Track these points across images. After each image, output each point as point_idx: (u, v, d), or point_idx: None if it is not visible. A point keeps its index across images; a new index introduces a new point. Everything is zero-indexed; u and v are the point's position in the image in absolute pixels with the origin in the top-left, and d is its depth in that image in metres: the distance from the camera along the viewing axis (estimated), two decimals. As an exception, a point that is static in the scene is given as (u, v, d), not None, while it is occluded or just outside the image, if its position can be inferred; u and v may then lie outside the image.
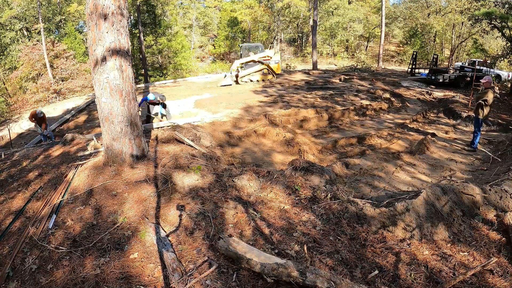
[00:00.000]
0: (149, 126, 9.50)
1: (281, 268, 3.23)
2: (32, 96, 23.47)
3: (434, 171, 7.75)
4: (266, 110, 11.96)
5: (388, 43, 43.44)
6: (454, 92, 16.59)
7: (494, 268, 3.57)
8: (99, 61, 5.44)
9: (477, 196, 4.74)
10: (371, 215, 4.42)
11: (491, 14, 16.68)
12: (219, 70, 32.93)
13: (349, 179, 7.09)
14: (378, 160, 8.31)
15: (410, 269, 3.59)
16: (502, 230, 4.20)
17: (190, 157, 6.30)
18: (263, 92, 15.28)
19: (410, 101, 15.34)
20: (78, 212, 4.68)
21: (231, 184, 5.37)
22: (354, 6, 38.17)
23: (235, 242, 3.73)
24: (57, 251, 3.88)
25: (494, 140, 10.01)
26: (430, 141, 9.84)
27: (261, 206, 4.82)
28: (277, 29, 37.73)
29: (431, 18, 33.60)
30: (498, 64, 21.93)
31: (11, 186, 5.96)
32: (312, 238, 4.05)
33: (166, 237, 4.07)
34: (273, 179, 5.50)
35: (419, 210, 4.43)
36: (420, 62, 28.27)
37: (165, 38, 31.89)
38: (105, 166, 5.82)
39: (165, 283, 3.38)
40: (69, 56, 25.48)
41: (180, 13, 38.66)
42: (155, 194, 5.00)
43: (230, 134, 9.87)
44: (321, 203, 4.82)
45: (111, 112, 5.64)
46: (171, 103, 13.67)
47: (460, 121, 12.69)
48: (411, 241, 4.10)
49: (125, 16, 5.56)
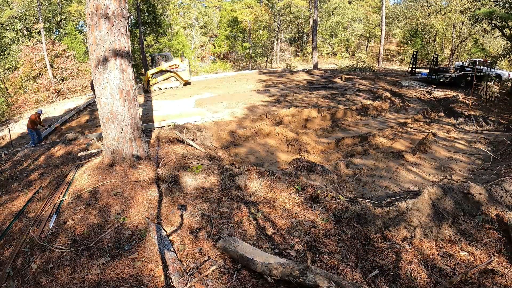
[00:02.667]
0: (149, 125, 9.51)
1: (281, 268, 3.23)
2: (32, 96, 23.46)
3: (435, 170, 7.75)
4: (269, 110, 11.95)
5: (389, 43, 43.39)
6: (454, 92, 16.57)
7: (495, 267, 3.56)
8: (99, 61, 5.44)
9: (477, 196, 4.73)
10: (372, 215, 4.42)
11: (492, 13, 16.65)
12: (220, 70, 32.93)
13: (350, 179, 7.09)
14: (380, 159, 8.32)
15: (411, 268, 3.58)
16: (503, 230, 4.19)
17: (191, 157, 6.30)
18: (266, 92, 15.26)
19: (410, 101, 15.33)
20: (79, 212, 4.68)
21: (232, 184, 5.37)
22: (355, 5, 38.12)
23: (236, 242, 3.74)
24: (57, 251, 3.88)
25: (494, 140, 10.00)
26: (431, 140, 9.84)
27: (262, 205, 4.81)
28: (278, 29, 37.71)
29: (432, 17, 33.56)
30: (499, 63, 21.89)
31: (12, 186, 5.96)
32: (313, 238, 4.05)
33: (167, 237, 4.07)
34: (274, 179, 5.50)
35: (420, 210, 4.42)
36: (420, 62, 28.20)
37: (165, 38, 31.87)
38: (105, 166, 5.82)
39: (165, 283, 3.37)
40: (69, 56, 25.48)
41: (180, 13, 38.64)
42: (155, 194, 5.00)
43: (233, 133, 9.87)
44: (322, 202, 4.82)
45: (112, 112, 5.64)
46: (171, 102, 13.67)
47: (461, 120, 12.68)
48: (412, 240, 4.09)
49: (125, 16, 5.56)
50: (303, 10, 34.85)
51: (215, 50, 39.78)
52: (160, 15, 32.51)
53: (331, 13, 37.09)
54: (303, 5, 33.39)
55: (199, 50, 39.61)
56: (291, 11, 35.46)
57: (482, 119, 12.36)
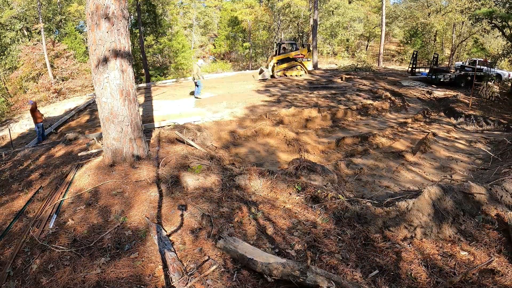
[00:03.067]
0: (150, 125, 9.51)
1: (281, 268, 3.23)
2: (32, 96, 23.44)
3: (435, 170, 7.75)
4: (269, 110, 11.94)
5: (389, 43, 43.37)
6: (454, 92, 16.56)
7: (495, 267, 3.56)
8: (99, 61, 5.44)
9: (478, 195, 4.73)
10: (372, 215, 4.42)
11: (492, 13, 16.64)
12: (219, 70, 32.92)
13: (350, 178, 7.09)
14: (380, 159, 8.31)
15: (411, 268, 3.58)
16: (503, 230, 4.19)
17: (191, 157, 6.30)
18: (266, 92, 15.25)
19: (411, 101, 15.32)
20: (79, 212, 4.68)
21: (232, 184, 5.37)
22: (355, 5, 38.11)
23: (236, 242, 3.74)
24: (57, 251, 3.88)
25: (494, 140, 10.00)
26: (432, 140, 9.84)
27: (262, 205, 4.81)
28: (278, 29, 37.71)
29: (432, 17, 33.54)
30: (499, 63, 21.88)
31: (12, 186, 5.96)
32: (313, 238, 4.05)
33: (167, 237, 4.07)
34: (274, 179, 5.50)
35: (420, 210, 4.42)
36: (420, 62, 28.15)
37: (165, 37, 31.87)
38: (106, 166, 5.83)
39: (165, 283, 3.37)
40: (69, 56, 25.48)
41: (180, 13, 38.65)
42: (156, 194, 5.00)
43: (234, 133, 9.87)
44: (322, 202, 4.81)
45: (112, 112, 5.64)
46: (171, 102, 13.67)
47: (461, 120, 12.68)
48: (412, 240, 4.09)
49: (125, 16, 5.56)
50: (303, 10, 34.84)
51: (215, 50, 39.79)
52: (160, 15, 32.51)
53: (331, 13, 37.08)
54: (303, 5, 33.39)
55: (199, 50, 39.61)
56: (291, 11, 35.45)
57: (482, 119, 12.37)
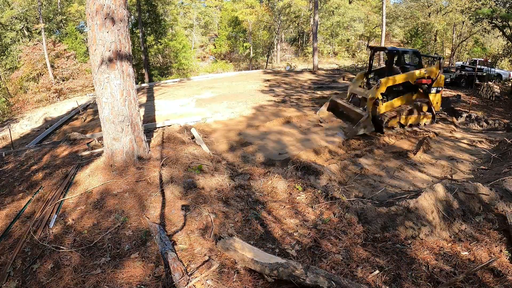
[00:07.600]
0: (150, 125, 9.51)
1: (281, 268, 3.23)
2: (33, 96, 23.49)
3: (437, 169, 7.74)
4: (276, 110, 11.91)
5: (389, 43, 43.34)
6: (455, 91, 16.56)
7: (496, 267, 3.56)
8: (99, 61, 5.44)
9: (478, 195, 4.73)
10: (372, 215, 4.41)
11: (492, 13, 16.64)
12: (220, 70, 32.95)
13: (351, 178, 7.08)
14: (382, 158, 8.31)
15: (411, 268, 3.58)
16: (503, 230, 4.19)
17: (191, 157, 6.30)
18: (271, 92, 15.24)
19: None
20: (79, 212, 4.68)
21: (234, 184, 5.37)
22: (355, 5, 38.13)
23: (236, 242, 3.73)
24: (57, 251, 3.88)
25: (495, 140, 9.99)
26: (433, 139, 9.84)
27: (262, 205, 4.81)
28: (278, 29, 37.71)
29: (432, 17, 33.53)
30: (499, 63, 21.89)
31: (13, 186, 5.97)
32: (313, 238, 4.05)
33: (168, 237, 4.07)
34: (275, 179, 5.50)
35: (421, 209, 4.42)
36: (421, 62, 27.95)
37: (166, 38, 31.90)
38: (106, 166, 5.82)
39: (166, 283, 3.37)
40: (70, 56, 25.51)
41: (180, 13, 38.66)
42: (156, 194, 5.00)
43: (238, 133, 9.83)
44: (322, 202, 4.81)
45: (112, 112, 5.64)
46: (172, 102, 13.68)
47: (462, 120, 12.67)
48: (413, 240, 4.09)
49: (125, 15, 5.56)
50: (303, 10, 34.86)
51: (216, 50, 39.79)
52: (160, 15, 32.54)
53: (331, 13, 37.09)
54: (304, 5, 33.42)
55: (200, 50, 39.64)
56: (291, 11, 35.48)
57: (482, 118, 12.36)
